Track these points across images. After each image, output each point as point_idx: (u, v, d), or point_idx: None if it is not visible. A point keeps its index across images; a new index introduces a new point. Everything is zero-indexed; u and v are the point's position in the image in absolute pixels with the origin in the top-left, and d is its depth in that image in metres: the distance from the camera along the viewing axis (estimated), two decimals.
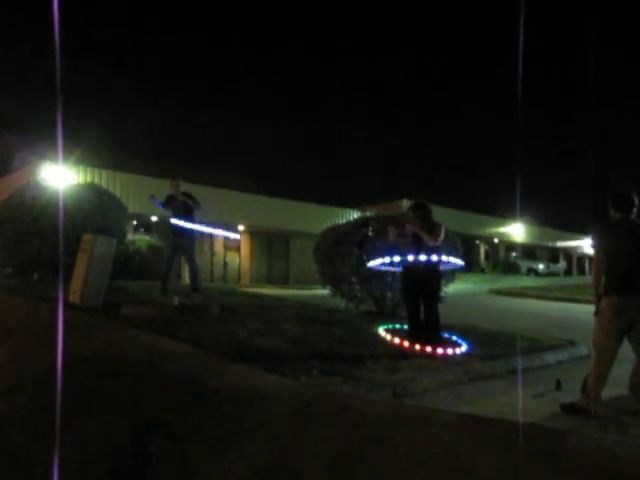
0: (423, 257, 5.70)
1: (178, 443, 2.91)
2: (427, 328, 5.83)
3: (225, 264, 25.75)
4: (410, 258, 5.76)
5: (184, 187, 8.87)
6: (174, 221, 8.13)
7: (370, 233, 8.25)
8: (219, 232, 8.49)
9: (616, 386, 4.16)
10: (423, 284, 5.88)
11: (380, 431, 2.39)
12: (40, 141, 20.71)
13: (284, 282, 25.64)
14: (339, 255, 8.64)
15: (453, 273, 8.76)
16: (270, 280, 25.68)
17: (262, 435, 2.68)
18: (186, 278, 13.25)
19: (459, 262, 6.39)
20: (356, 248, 8.26)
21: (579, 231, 38.65)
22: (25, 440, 3.50)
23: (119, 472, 2.96)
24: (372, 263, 6.66)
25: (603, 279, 4.14)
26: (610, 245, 4.13)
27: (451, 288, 8.98)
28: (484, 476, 1.96)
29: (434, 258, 5.75)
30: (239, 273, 26.28)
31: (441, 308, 6.07)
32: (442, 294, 6.75)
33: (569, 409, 4.08)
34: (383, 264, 6.47)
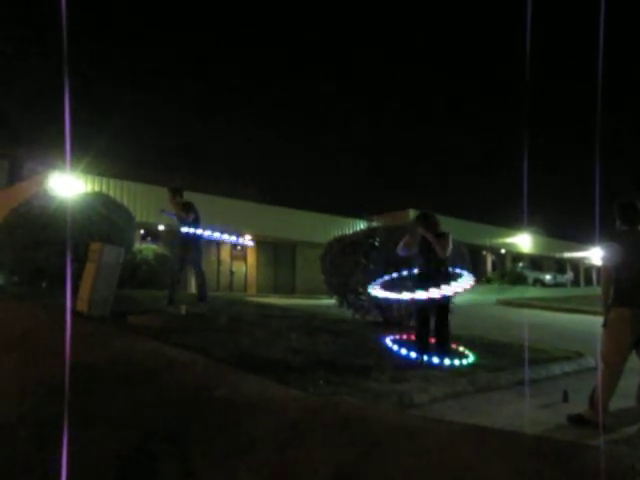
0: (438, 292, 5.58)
1: (182, 451, 2.91)
2: (436, 339, 5.82)
3: (231, 273, 25.77)
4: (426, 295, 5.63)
5: (187, 197, 8.85)
6: (184, 229, 8.11)
7: (376, 243, 8.25)
8: (232, 240, 8.40)
9: (624, 397, 4.13)
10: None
11: (385, 441, 2.39)
12: (48, 150, 20.85)
13: (290, 291, 25.62)
14: (345, 265, 8.64)
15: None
16: (276, 289, 25.67)
17: (267, 445, 2.68)
18: (193, 287, 13.26)
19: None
20: (363, 258, 8.27)
21: (586, 242, 38.46)
22: (30, 446, 3.51)
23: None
24: (378, 294, 6.41)
25: (612, 291, 4.13)
26: (619, 257, 4.11)
27: (458, 299, 8.94)
28: None
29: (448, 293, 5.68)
30: (245, 282, 26.29)
31: (450, 319, 6.05)
32: (450, 305, 6.72)
33: (576, 421, 4.05)
34: (388, 286, 6.31)
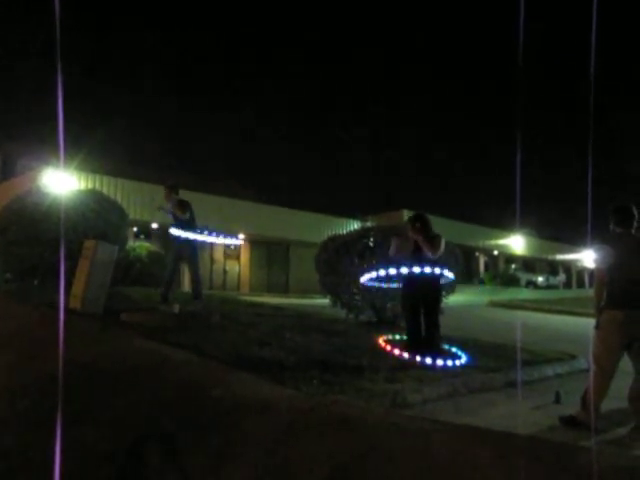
0: (426, 269, 5.61)
1: (177, 452, 2.91)
2: (427, 339, 5.83)
3: (225, 272, 25.74)
4: (407, 270, 5.67)
5: (181, 195, 8.82)
6: (173, 231, 8.11)
7: (371, 243, 8.26)
8: (219, 240, 8.36)
9: (616, 399, 4.16)
10: (425, 295, 5.86)
11: (378, 442, 2.40)
12: (42, 147, 20.78)
13: (284, 291, 25.62)
14: (339, 265, 8.64)
15: (453, 285, 8.73)
16: (270, 289, 25.66)
17: (261, 445, 2.68)
18: (186, 286, 13.25)
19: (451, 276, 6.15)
20: (357, 258, 8.27)
21: (579, 244, 38.66)
22: (24, 445, 3.49)
23: None
24: (363, 278, 6.47)
25: (604, 293, 4.15)
26: (612, 259, 4.13)
27: (451, 300, 8.97)
28: None
29: (436, 271, 5.69)
30: (239, 281, 26.27)
31: (441, 319, 6.06)
32: (442, 305, 6.75)
33: (568, 422, 4.07)
34: (375, 279, 6.38)
